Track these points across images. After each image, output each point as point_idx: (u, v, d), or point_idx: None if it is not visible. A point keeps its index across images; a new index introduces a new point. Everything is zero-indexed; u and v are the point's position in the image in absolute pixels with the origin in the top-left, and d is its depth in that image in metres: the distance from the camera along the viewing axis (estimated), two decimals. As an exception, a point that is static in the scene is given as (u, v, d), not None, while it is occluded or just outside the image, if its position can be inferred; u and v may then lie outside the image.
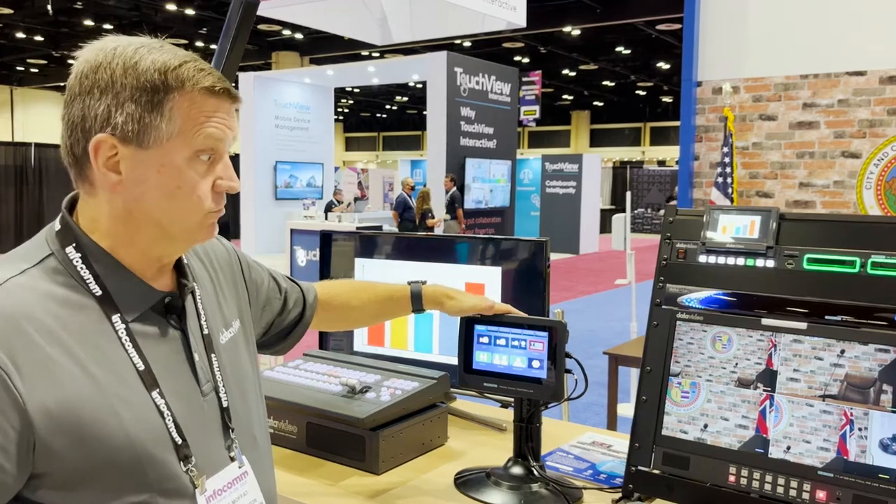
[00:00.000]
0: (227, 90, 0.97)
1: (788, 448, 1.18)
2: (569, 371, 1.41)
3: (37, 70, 24.75)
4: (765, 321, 1.24)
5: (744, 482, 1.20)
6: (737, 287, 1.29)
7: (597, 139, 35.51)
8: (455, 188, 13.14)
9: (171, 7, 16.28)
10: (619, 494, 1.32)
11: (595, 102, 33.13)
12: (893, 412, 1.12)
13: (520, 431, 1.45)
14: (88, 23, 17.49)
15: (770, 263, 1.27)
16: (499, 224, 15.24)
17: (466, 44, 19.57)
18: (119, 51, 0.94)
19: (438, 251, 1.89)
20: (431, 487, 1.47)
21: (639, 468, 1.29)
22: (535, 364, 1.39)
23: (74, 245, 0.96)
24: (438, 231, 12.07)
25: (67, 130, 0.95)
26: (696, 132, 5.23)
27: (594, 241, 18.13)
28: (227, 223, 14.96)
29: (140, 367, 0.95)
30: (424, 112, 16.92)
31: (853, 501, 1.12)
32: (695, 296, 1.31)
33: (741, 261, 1.30)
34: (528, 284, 1.72)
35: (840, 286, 1.20)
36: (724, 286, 1.30)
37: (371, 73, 16.77)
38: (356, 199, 19.02)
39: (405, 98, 31.25)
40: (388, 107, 35.18)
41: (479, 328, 1.45)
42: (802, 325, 1.21)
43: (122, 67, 0.92)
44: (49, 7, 15.17)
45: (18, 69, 24.69)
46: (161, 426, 0.95)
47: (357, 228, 7.70)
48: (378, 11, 3.96)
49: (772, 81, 4.91)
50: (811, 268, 1.24)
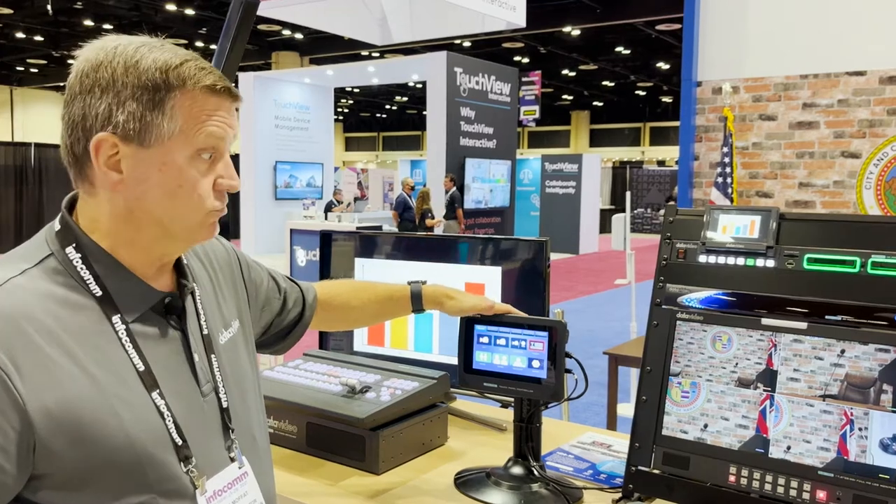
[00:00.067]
0: (228, 89, 0.97)
1: (788, 448, 1.18)
2: (569, 371, 1.41)
3: (37, 70, 24.75)
4: (765, 321, 1.24)
5: (744, 482, 1.20)
6: (737, 287, 1.29)
7: (596, 139, 35.51)
8: (455, 188, 13.13)
9: (171, 7, 16.28)
10: (620, 494, 1.32)
11: (595, 102, 33.14)
12: (894, 412, 1.12)
13: (520, 431, 1.45)
14: (88, 23, 17.50)
15: (770, 263, 1.27)
16: (498, 224, 15.24)
17: (466, 44, 19.58)
18: (120, 49, 0.94)
19: (438, 251, 1.89)
20: (431, 487, 1.46)
21: (639, 468, 1.29)
22: (535, 364, 1.39)
23: (74, 245, 0.96)
24: (438, 231, 12.06)
25: (67, 130, 0.95)
26: (696, 132, 5.23)
27: (594, 241, 18.13)
28: (227, 223, 14.97)
29: (140, 368, 0.95)
30: (424, 112, 16.92)
31: (853, 501, 1.12)
32: (695, 296, 1.31)
33: (741, 261, 1.30)
34: (528, 284, 1.72)
35: (840, 286, 1.20)
36: (724, 286, 1.30)
37: (371, 73, 16.77)
38: (356, 199, 19.01)
39: (405, 98, 31.25)
40: (388, 107, 35.18)
41: (479, 328, 1.45)
42: (802, 325, 1.21)
43: (124, 66, 0.92)
44: (49, 7, 15.17)
45: (18, 69, 24.69)
46: (161, 427, 0.95)
47: (357, 228, 7.70)
48: (378, 11, 3.95)
49: (772, 81, 4.91)
50: (811, 268, 1.24)
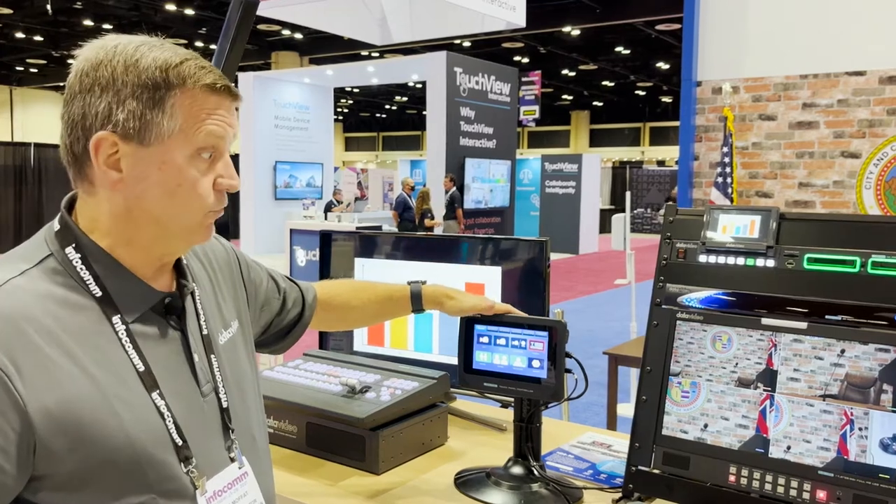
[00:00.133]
0: (228, 87, 0.97)
1: (789, 448, 1.18)
2: (569, 371, 1.41)
3: (36, 70, 24.74)
4: (765, 321, 1.24)
5: (744, 482, 1.20)
6: (737, 287, 1.29)
7: (596, 139, 35.50)
8: (455, 188, 13.13)
9: (171, 7, 16.28)
10: (620, 494, 1.32)
11: (595, 102, 33.14)
12: (894, 412, 1.12)
13: (520, 431, 1.44)
14: (88, 23, 17.49)
15: (770, 263, 1.27)
16: (498, 224, 15.25)
17: (466, 44, 19.57)
18: (120, 48, 0.93)
19: (438, 251, 1.89)
20: (431, 487, 1.46)
21: (639, 468, 1.29)
22: (535, 364, 1.39)
23: (74, 245, 0.96)
24: (438, 231, 12.06)
25: (67, 129, 0.95)
26: (696, 132, 5.23)
27: (594, 241, 18.13)
28: (227, 223, 14.98)
29: (140, 368, 0.95)
30: (424, 112, 16.92)
31: (853, 501, 1.12)
32: (695, 295, 1.31)
33: (741, 260, 1.30)
34: (528, 284, 1.72)
35: (840, 286, 1.20)
36: (724, 286, 1.30)
37: (371, 73, 16.77)
38: (356, 199, 19.01)
39: (405, 98, 31.25)
40: (388, 107, 35.17)
41: (479, 328, 1.45)
42: (802, 325, 1.21)
43: (124, 65, 0.92)
44: (49, 7, 15.17)
45: (18, 69, 24.68)
46: (161, 427, 0.95)
47: (357, 228, 7.70)
48: (378, 11, 3.95)
49: (771, 81, 4.91)
50: (811, 267, 1.24)
